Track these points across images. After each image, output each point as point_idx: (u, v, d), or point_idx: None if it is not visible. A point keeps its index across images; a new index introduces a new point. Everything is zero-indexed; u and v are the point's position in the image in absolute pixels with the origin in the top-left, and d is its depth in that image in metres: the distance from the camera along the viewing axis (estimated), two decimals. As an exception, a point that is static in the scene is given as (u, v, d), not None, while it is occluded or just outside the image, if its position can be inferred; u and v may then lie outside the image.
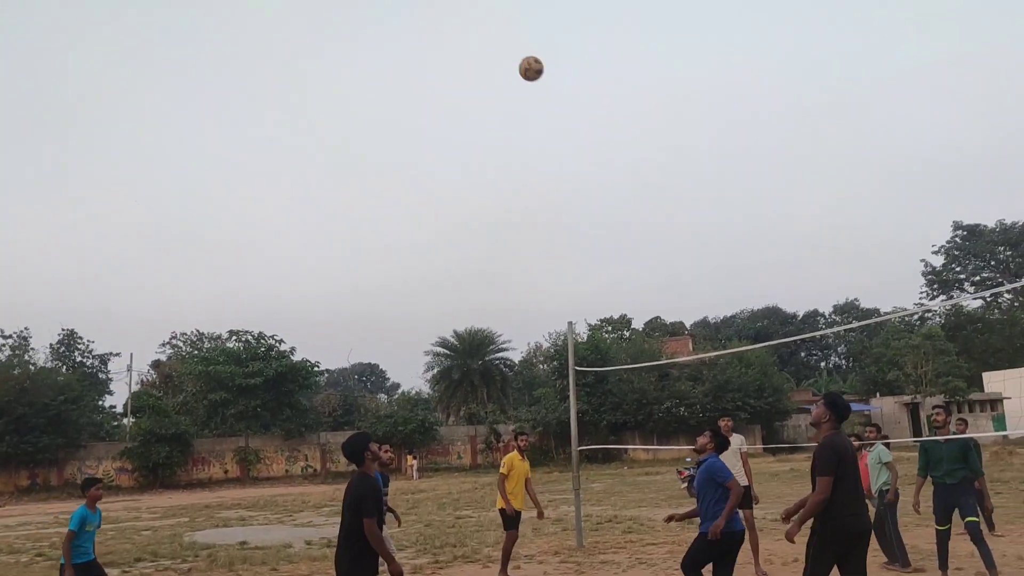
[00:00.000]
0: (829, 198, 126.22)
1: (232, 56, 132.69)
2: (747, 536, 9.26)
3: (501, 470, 10.07)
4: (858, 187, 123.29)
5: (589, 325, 59.03)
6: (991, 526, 11.90)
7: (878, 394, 52.42)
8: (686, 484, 21.53)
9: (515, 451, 10.29)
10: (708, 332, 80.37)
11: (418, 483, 34.37)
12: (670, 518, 8.06)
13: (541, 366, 63.68)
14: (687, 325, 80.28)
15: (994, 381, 52.06)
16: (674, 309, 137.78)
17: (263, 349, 45.30)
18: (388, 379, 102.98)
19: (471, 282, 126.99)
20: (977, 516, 8.40)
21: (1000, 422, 49.88)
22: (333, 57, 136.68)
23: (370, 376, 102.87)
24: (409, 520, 16.98)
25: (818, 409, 6.24)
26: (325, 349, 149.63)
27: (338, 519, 18.41)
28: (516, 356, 63.66)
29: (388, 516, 10.13)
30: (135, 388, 50.18)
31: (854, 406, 52.65)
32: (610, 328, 61.41)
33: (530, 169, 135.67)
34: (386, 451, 10.04)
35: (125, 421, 49.19)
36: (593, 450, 38.40)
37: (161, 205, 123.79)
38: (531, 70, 9.04)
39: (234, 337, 49.29)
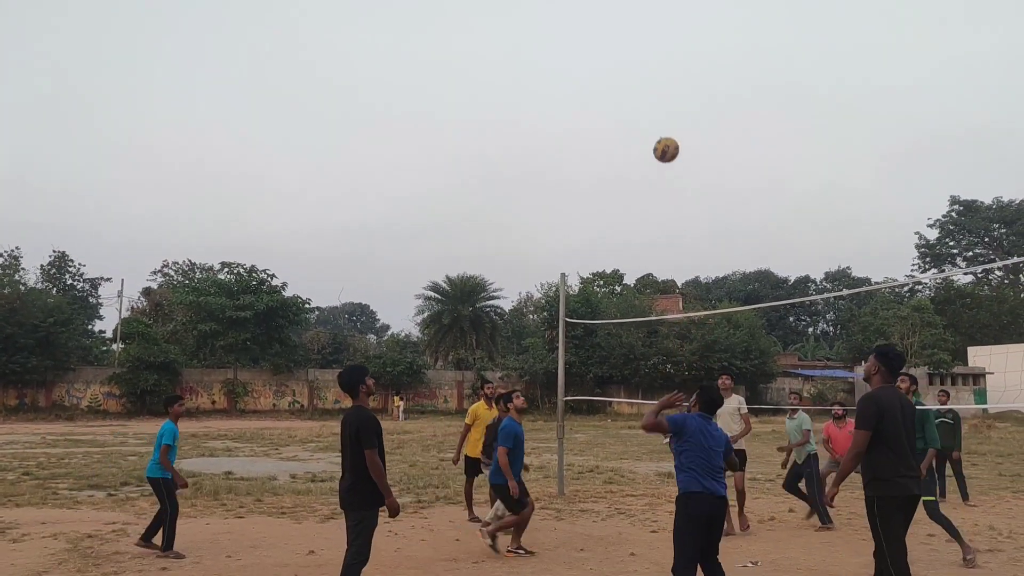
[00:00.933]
0: (828, 166, 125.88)
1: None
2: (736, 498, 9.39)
3: (466, 419, 10.02)
4: (857, 156, 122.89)
5: (581, 278, 59.20)
6: (965, 496, 12.09)
7: (863, 362, 52.94)
8: (668, 439, 21.75)
9: (481, 400, 10.24)
10: (699, 292, 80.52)
11: (404, 424, 34.71)
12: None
13: (531, 316, 63.90)
14: (678, 284, 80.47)
15: (978, 356, 52.46)
16: (666, 267, 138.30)
17: (255, 283, 45.27)
18: (378, 320, 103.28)
19: (466, 229, 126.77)
20: (934, 495, 8.04)
21: (981, 396, 50.43)
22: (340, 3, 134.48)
23: (360, 316, 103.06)
24: (393, 460, 17.17)
25: (869, 362, 5.89)
26: (316, 287, 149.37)
27: (324, 455, 18.56)
28: (507, 305, 63.90)
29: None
30: (125, 314, 50.17)
31: (838, 373, 53.20)
32: (602, 282, 61.54)
33: (530, 120, 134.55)
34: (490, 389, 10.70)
35: (114, 347, 49.29)
36: (578, 401, 38.75)
37: (159, 130, 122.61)
38: (668, 153, 8.95)
39: (226, 269, 49.26)
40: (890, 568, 5.40)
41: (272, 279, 46.01)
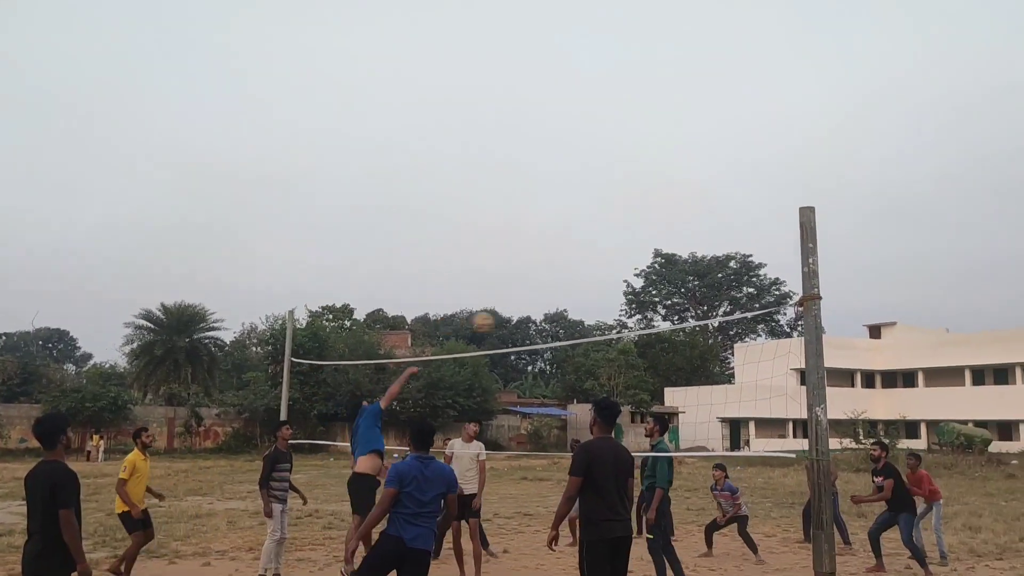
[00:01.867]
0: (552, 212, 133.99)
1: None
2: (470, 547, 9.47)
3: (121, 474, 8.79)
4: (579, 206, 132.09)
5: (310, 311, 57.84)
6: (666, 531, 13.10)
7: (575, 400, 56.37)
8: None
9: (137, 450, 9.11)
10: (428, 329, 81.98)
11: (103, 466, 31.61)
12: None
13: (255, 348, 61.39)
14: (408, 320, 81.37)
15: (673, 396, 58.02)
16: (397, 303, 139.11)
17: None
18: (79, 348, 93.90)
19: (186, 254, 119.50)
20: (655, 534, 8.58)
21: (675, 433, 55.72)
22: None
23: (57, 343, 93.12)
24: (89, 508, 15.53)
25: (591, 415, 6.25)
26: (3, 309, 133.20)
27: (3, 503, 16.41)
28: (228, 336, 60.85)
29: (293, 494, 9.89)
30: None
31: (552, 411, 56.24)
32: (331, 316, 60.60)
33: (261, 142, 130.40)
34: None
35: None
36: (299, 443, 37.55)
37: None
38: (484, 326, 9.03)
39: None
40: None
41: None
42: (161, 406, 47.31)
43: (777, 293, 78.33)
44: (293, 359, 14.77)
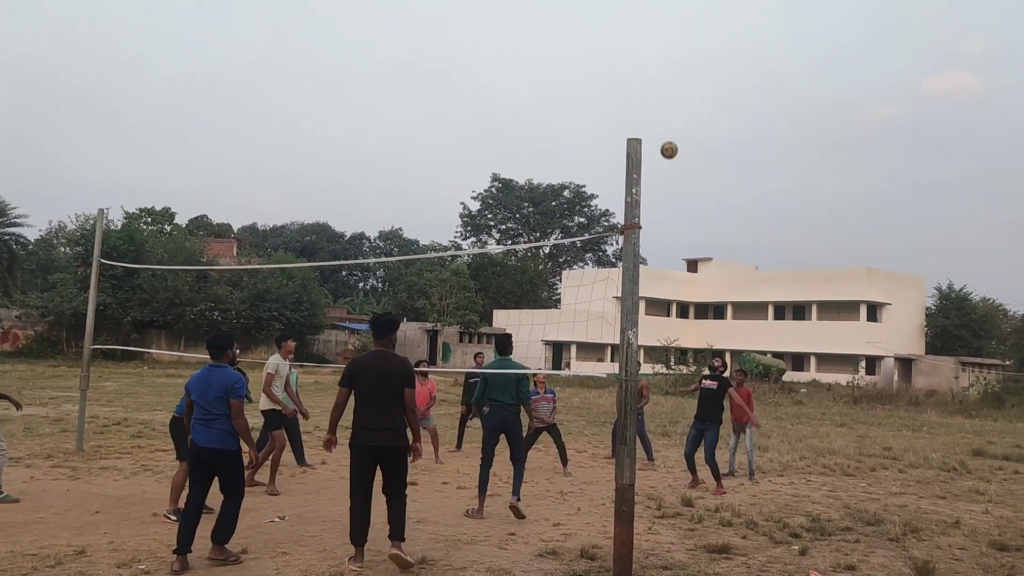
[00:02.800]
0: (390, 126, 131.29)
1: None
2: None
3: None
4: (416, 124, 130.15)
5: (127, 213, 54.28)
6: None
7: (406, 319, 56.53)
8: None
9: None
10: (256, 239, 79.05)
11: None
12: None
13: (63, 249, 57.15)
14: (234, 228, 78.15)
15: (501, 318, 59.24)
16: (222, 210, 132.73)
17: None
18: None
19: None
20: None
21: (499, 354, 57.17)
22: None
23: None
24: None
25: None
26: None
27: None
28: (33, 234, 56.25)
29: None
30: None
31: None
32: (150, 219, 57.22)
33: (89, 36, 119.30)
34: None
35: None
36: (111, 348, 35.63)
37: None
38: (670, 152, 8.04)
39: None
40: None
41: None
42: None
43: (606, 224, 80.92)
44: (104, 261, 13.88)
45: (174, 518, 7.15)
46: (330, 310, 55.38)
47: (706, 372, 12.26)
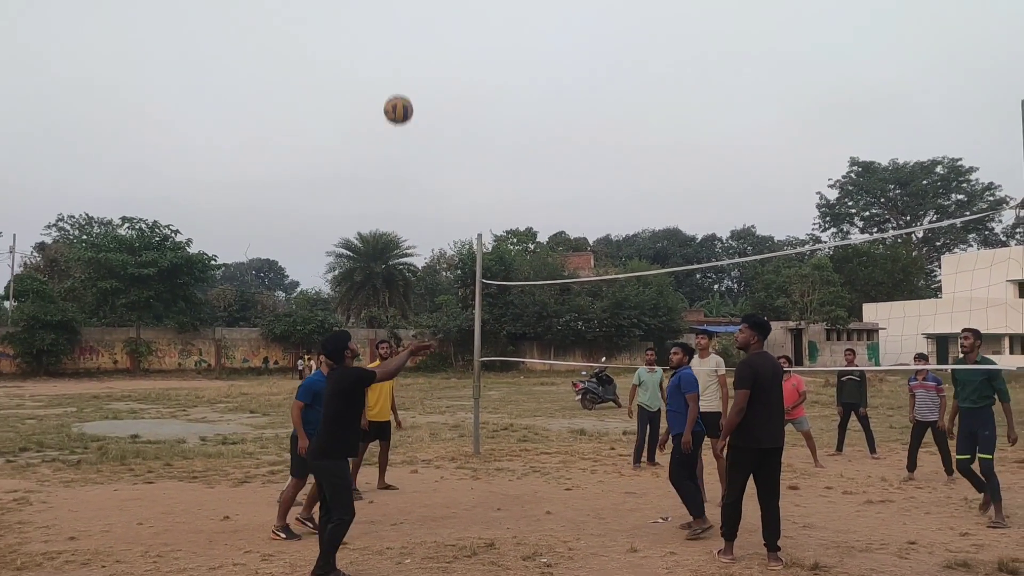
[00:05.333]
0: (736, 126, 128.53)
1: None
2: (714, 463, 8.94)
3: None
4: (764, 117, 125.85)
5: (495, 236, 59.42)
6: (872, 450, 12.60)
7: (766, 319, 54.79)
8: (580, 396, 22.18)
9: (377, 360, 9.61)
10: (610, 249, 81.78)
11: (315, 383, 34.30)
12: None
13: (445, 273, 63.76)
14: (590, 241, 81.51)
15: (872, 312, 55.04)
16: (579, 225, 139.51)
17: (157, 239, 43.66)
18: (287, 277, 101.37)
19: (379, 185, 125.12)
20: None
21: (874, 351, 53.09)
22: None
23: (268, 272, 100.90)
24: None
25: (743, 333, 6.65)
26: (222, 242, 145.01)
27: (233, 416, 18.24)
28: (420, 262, 63.60)
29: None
30: (17, 270, 47.83)
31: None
32: (515, 240, 61.82)
33: (450, 76, 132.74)
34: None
35: (6, 304, 47.01)
36: (492, 360, 39.07)
37: (51, 68, 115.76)
38: (397, 110, 8.56)
39: (127, 224, 47.22)
40: (725, 503, 6.50)
41: (176, 235, 44.45)
42: (363, 328, 50.45)
43: (991, 199, 71.45)
44: (483, 280, 15.27)
45: (310, 525, 7.26)
46: (687, 314, 55.49)
47: None
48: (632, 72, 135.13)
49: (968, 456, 8.18)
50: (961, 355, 8.39)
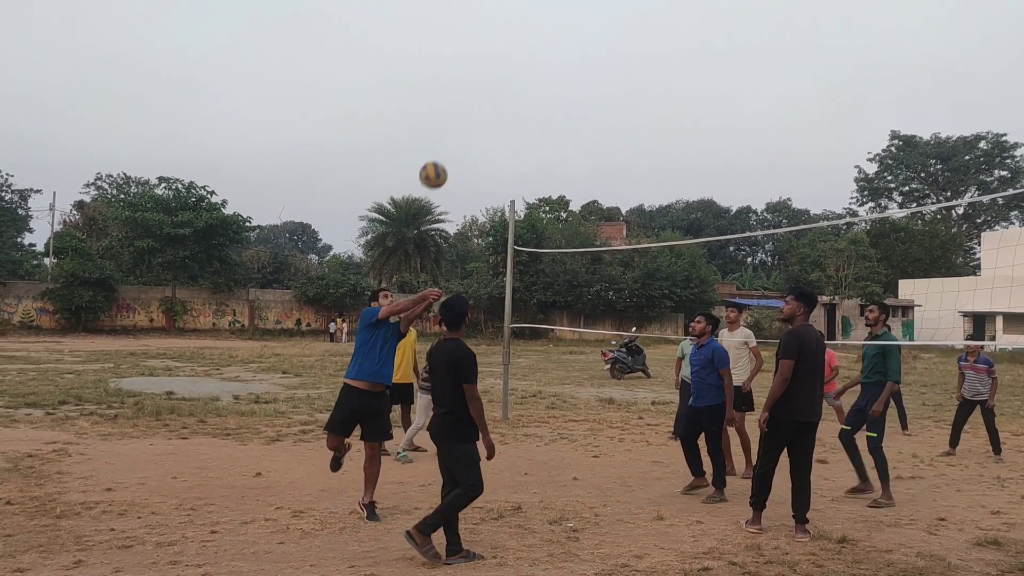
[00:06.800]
0: (772, 99, 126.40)
1: None
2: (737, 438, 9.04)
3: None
4: (802, 90, 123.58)
5: (527, 203, 59.20)
6: (904, 426, 12.50)
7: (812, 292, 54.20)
8: (609, 366, 22.18)
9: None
10: (643, 220, 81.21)
11: (347, 346, 34.70)
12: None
13: (476, 240, 63.80)
14: (623, 211, 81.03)
15: (908, 288, 54.24)
16: (611, 194, 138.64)
17: (193, 199, 44.08)
18: (320, 240, 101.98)
19: (413, 151, 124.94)
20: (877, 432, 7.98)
21: (909, 328, 52.39)
22: None
23: (302, 236, 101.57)
24: (340, 382, 17.18)
25: (789, 304, 6.61)
26: (256, 204, 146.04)
27: (266, 376, 18.48)
28: (451, 228, 63.60)
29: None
30: (57, 228, 48.65)
31: (773, 303, 54.55)
32: (548, 208, 61.57)
33: (481, 44, 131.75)
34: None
35: (46, 261, 47.89)
36: (521, 327, 39.18)
37: (95, 30, 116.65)
38: (429, 179, 8.47)
39: (163, 184, 47.76)
40: (757, 472, 6.49)
41: (212, 196, 44.83)
42: (395, 293, 50.62)
43: (1035, 175, 69.82)
44: (514, 247, 15.24)
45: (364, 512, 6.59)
46: (719, 286, 55.07)
47: None
48: (666, 46, 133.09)
49: (850, 428, 8.09)
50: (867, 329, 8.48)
